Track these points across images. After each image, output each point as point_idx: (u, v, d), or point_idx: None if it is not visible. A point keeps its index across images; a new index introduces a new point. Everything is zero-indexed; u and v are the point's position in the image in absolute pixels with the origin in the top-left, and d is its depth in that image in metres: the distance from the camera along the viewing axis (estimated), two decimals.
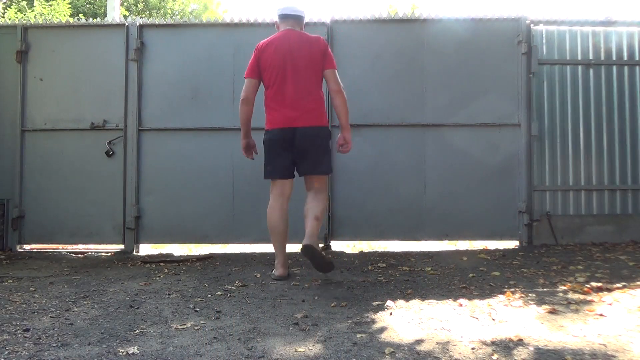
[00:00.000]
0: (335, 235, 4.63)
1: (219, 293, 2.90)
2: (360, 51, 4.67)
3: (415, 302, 2.63)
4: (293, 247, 3.78)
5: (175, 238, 4.71)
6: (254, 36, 4.64)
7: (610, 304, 2.53)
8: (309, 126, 3.20)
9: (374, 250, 4.60)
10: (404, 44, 4.68)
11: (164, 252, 4.68)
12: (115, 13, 8.06)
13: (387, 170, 4.64)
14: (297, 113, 3.19)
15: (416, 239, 4.66)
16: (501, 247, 4.56)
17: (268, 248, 4.36)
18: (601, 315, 2.34)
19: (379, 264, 3.77)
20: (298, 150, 3.22)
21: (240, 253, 4.47)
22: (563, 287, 2.94)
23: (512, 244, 4.68)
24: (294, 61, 3.21)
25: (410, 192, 4.64)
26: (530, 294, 2.76)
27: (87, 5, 16.04)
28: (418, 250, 4.48)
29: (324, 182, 3.39)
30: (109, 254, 4.54)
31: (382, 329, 2.15)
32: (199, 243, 4.77)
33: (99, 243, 4.73)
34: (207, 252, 4.51)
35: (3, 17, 9.51)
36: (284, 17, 3.37)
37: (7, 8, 11.89)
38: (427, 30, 4.68)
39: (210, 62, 4.70)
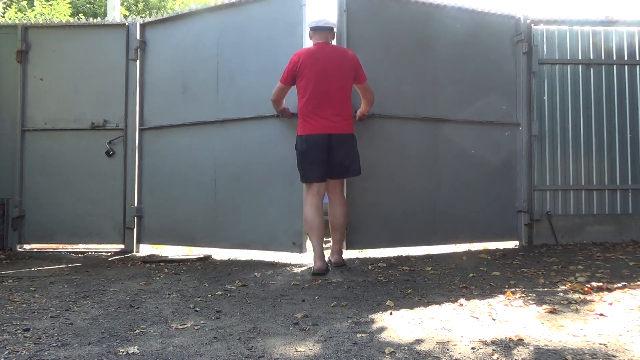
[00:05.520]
0: (350, 244, 4.08)
1: (219, 293, 2.90)
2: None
3: (416, 302, 2.63)
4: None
5: (170, 239, 4.59)
6: (238, 17, 4.29)
7: (610, 304, 2.53)
8: (342, 134, 3.53)
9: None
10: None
11: (164, 252, 4.68)
12: (115, 13, 8.06)
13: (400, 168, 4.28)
14: (331, 121, 3.50)
15: (429, 244, 4.40)
16: (501, 247, 4.56)
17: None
18: (601, 315, 2.33)
19: (379, 264, 3.76)
20: (331, 154, 3.52)
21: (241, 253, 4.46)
22: (563, 287, 2.94)
23: (512, 243, 4.68)
24: (328, 73, 3.50)
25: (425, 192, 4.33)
26: (530, 294, 2.76)
27: (87, 5, 16.03)
28: (418, 249, 4.47)
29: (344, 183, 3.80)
30: (109, 254, 4.54)
31: (382, 329, 2.15)
32: (187, 245, 4.57)
33: (99, 243, 4.73)
34: (205, 253, 4.48)
35: (3, 17, 9.51)
36: (317, 29, 3.63)
37: (7, 8, 11.90)
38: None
39: (197, 52, 4.45)
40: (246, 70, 4.21)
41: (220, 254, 4.42)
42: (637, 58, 4.89)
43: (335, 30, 3.73)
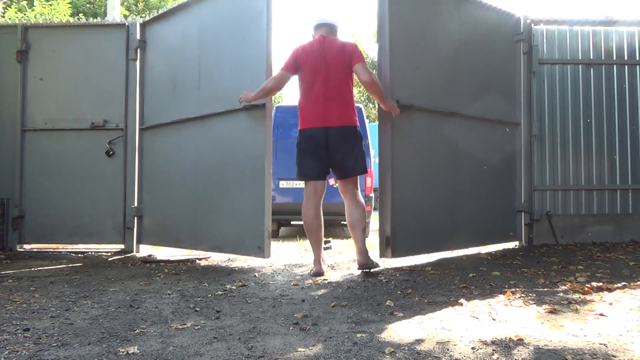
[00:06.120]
0: (394, 251, 3.70)
1: (219, 293, 2.90)
2: None
3: (416, 302, 2.63)
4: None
5: (164, 240, 4.51)
6: (216, 7, 4.08)
7: (610, 304, 2.53)
8: (340, 126, 3.36)
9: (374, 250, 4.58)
10: None
11: (164, 252, 4.67)
12: (115, 13, 8.07)
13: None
14: (328, 113, 3.36)
15: (454, 248, 4.22)
16: (501, 247, 4.55)
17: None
18: (601, 314, 2.33)
19: (378, 264, 3.75)
20: (331, 150, 3.38)
21: None
22: (563, 287, 2.94)
23: (512, 243, 4.67)
24: (326, 63, 3.39)
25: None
26: (530, 294, 2.76)
27: (87, 5, 16.05)
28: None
29: (357, 183, 3.56)
30: (109, 254, 4.53)
31: (382, 329, 2.15)
32: (175, 247, 4.45)
33: (99, 243, 4.73)
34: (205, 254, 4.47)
35: (3, 17, 9.51)
36: (316, 27, 3.60)
37: (7, 8, 11.90)
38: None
39: (183, 47, 4.33)
40: (222, 61, 4.01)
41: (217, 254, 4.41)
42: (637, 58, 4.89)
43: (336, 27, 3.59)
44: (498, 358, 1.79)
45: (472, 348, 1.90)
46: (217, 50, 4.05)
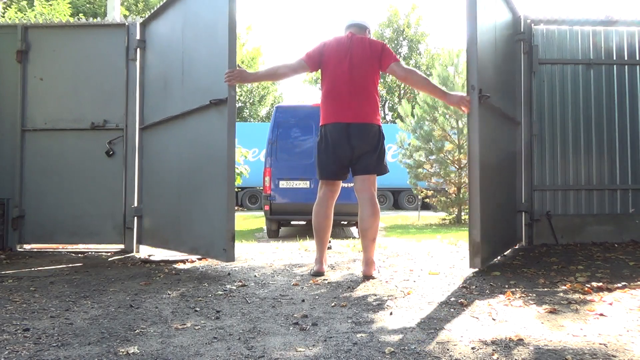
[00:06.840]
0: (483, 260, 3.38)
1: (219, 293, 2.90)
2: None
3: (416, 302, 2.63)
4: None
5: (157, 241, 4.43)
6: None
7: (610, 304, 2.53)
8: (362, 122, 3.26)
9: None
10: None
11: (164, 252, 4.67)
12: (115, 13, 8.06)
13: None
14: (351, 110, 3.26)
15: (500, 253, 4.03)
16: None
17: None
18: (601, 315, 2.33)
19: (379, 264, 3.76)
20: (351, 146, 3.27)
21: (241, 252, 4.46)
22: (563, 287, 2.94)
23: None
24: (352, 60, 3.30)
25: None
26: (530, 294, 2.76)
27: (87, 5, 16.05)
28: (418, 249, 4.47)
29: (375, 184, 3.42)
30: (109, 254, 4.53)
31: (382, 329, 2.15)
32: (164, 248, 4.36)
33: (99, 243, 4.73)
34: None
35: (3, 17, 9.51)
36: (348, 27, 3.52)
37: (7, 8, 11.91)
38: None
39: (171, 43, 4.23)
40: (200, 56, 3.86)
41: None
42: (637, 58, 4.89)
43: (364, 26, 3.49)
44: (498, 358, 1.79)
45: (472, 348, 1.90)
46: (196, 44, 3.89)
